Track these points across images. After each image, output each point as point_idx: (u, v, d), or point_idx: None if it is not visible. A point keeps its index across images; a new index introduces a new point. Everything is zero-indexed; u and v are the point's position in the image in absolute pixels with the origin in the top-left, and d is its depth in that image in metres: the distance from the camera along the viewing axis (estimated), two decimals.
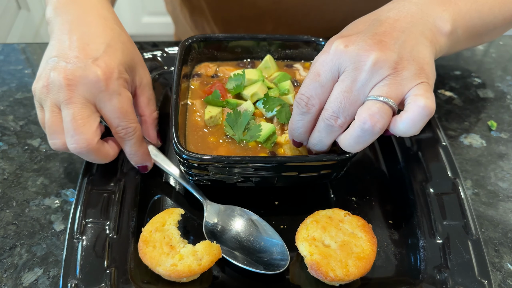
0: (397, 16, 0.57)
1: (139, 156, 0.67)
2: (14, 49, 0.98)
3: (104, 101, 0.61)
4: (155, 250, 0.57)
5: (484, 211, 0.71)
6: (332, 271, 0.55)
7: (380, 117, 0.52)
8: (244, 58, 0.80)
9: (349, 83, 0.53)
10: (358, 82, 0.53)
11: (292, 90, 0.73)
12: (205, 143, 0.67)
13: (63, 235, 0.65)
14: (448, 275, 0.58)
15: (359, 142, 0.54)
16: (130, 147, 0.65)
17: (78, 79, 0.59)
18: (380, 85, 0.53)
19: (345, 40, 0.55)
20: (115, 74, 0.61)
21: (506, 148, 0.81)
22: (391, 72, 0.53)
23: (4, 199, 0.69)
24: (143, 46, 0.99)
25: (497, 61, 1.01)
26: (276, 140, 0.67)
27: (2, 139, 0.78)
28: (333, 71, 0.55)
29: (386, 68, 0.53)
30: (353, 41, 0.54)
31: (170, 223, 0.60)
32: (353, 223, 0.61)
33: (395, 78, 0.53)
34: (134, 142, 0.65)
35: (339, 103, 0.54)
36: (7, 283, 0.59)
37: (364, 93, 0.53)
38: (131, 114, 0.63)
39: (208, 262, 0.56)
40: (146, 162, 0.68)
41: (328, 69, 0.55)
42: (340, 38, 0.56)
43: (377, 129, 0.52)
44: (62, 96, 0.59)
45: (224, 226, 0.64)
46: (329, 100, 0.55)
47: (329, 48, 0.55)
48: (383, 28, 0.55)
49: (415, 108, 0.52)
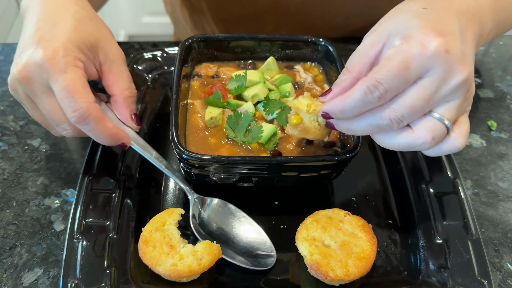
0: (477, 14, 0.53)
1: (106, 138, 0.61)
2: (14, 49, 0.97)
3: (52, 82, 0.57)
4: (155, 250, 0.57)
5: (484, 211, 0.71)
6: (332, 271, 0.55)
7: (438, 140, 0.50)
8: (244, 59, 0.80)
9: (431, 92, 0.48)
10: (439, 94, 0.49)
11: (293, 93, 0.73)
12: (206, 144, 0.67)
13: (63, 235, 0.65)
14: (448, 275, 0.58)
15: (400, 148, 0.52)
16: (91, 132, 0.59)
17: (28, 68, 0.57)
18: (451, 106, 0.50)
19: (446, 43, 0.48)
20: (61, 52, 0.57)
21: (506, 148, 0.81)
22: (465, 94, 0.50)
23: (4, 199, 0.69)
24: (143, 46, 0.99)
25: (497, 61, 1.01)
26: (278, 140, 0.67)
27: (2, 139, 0.78)
28: (423, 70, 0.48)
29: (465, 89, 0.49)
30: (452, 46, 0.48)
31: (170, 223, 0.60)
32: (353, 223, 0.61)
33: (464, 103, 0.50)
34: (93, 126, 0.58)
35: (413, 110, 0.48)
36: (7, 283, 0.59)
37: (436, 105, 0.50)
38: (82, 94, 0.57)
39: (208, 262, 0.56)
40: (119, 142, 0.63)
41: (420, 66, 0.48)
42: (440, 36, 0.48)
43: (426, 147, 0.50)
44: (27, 91, 0.59)
45: (210, 218, 0.64)
46: (403, 102, 0.49)
47: (429, 45, 0.47)
48: (468, 36, 0.51)
49: (451, 144, 0.51)
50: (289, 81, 0.75)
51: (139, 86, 0.82)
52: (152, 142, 0.69)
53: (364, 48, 0.52)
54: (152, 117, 0.80)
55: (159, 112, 0.81)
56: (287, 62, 0.81)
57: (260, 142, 0.66)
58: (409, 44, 0.48)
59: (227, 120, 0.67)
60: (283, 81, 0.74)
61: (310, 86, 0.77)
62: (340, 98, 0.51)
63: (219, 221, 0.64)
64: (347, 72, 0.52)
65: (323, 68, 0.79)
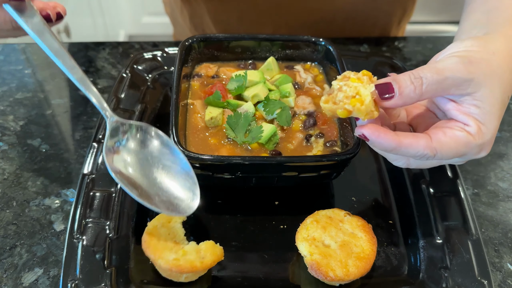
0: None
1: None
2: (14, 49, 0.98)
3: None
4: (160, 243, 0.57)
5: (484, 211, 0.71)
6: (332, 271, 0.55)
7: None
8: (244, 59, 0.80)
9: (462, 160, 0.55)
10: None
11: (293, 93, 0.73)
12: (206, 144, 0.67)
13: (63, 235, 0.65)
14: (448, 275, 0.58)
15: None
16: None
17: None
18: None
19: (486, 149, 0.54)
20: None
21: (506, 148, 0.81)
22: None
23: (4, 199, 0.69)
24: (143, 46, 0.99)
25: None
26: (278, 140, 0.67)
27: (2, 139, 0.78)
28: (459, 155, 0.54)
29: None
30: (489, 144, 0.53)
31: (176, 220, 0.60)
32: (353, 223, 0.61)
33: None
34: None
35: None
36: (7, 283, 0.59)
37: None
38: None
39: (210, 261, 0.56)
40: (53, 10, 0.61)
41: (464, 153, 0.53)
42: (486, 145, 0.53)
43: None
44: None
45: (128, 147, 0.55)
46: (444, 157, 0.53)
47: (476, 149, 0.52)
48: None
49: None
50: (289, 81, 0.75)
51: (139, 86, 0.82)
52: None
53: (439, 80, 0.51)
54: (152, 117, 0.80)
55: (159, 112, 0.81)
56: (287, 62, 0.81)
57: (260, 142, 0.66)
58: (471, 137, 0.51)
59: (227, 120, 0.67)
60: (283, 81, 0.74)
61: (310, 86, 0.77)
62: (397, 141, 0.51)
63: (140, 157, 0.55)
64: (413, 87, 0.51)
65: (323, 68, 0.79)
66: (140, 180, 0.55)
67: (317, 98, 0.74)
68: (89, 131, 0.81)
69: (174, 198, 0.55)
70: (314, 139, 0.68)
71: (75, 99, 0.87)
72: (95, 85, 0.67)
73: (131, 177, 0.55)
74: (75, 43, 1.02)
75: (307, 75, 0.78)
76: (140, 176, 0.55)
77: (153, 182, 0.55)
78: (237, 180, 0.64)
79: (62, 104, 0.86)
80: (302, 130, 0.69)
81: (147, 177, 0.55)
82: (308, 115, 0.71)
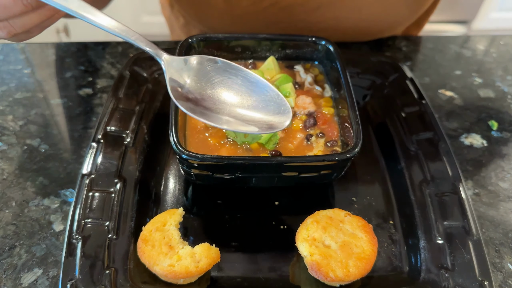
0: None
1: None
2: (14, 49, 0.97)
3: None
4: (154, 249, 0.57)
5: (485, 211, 0.70)
6: (332, 271, 0.55)
7: None
8: (244, 58, 0.80)
9: None
10: None
11: (293, 93, 0.73)
12: (206, 145, 0.66)
13: (63, 235, 0.65)
14: (449, 276, 0.58)
15: None
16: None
17: None
18: None
19: None
20: None
21: (507, 148, 0.81)
22: None
23: (3, 199, 0.69)
24: None
25: (498, 61, 1.01)
26: (278, 140, 0.67)
27: (1, 139, 0.78)
28: None
29: None
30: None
31: (171, 223, 0.59)
32: (353, 223, 0.61)
33: None
34: None
35: None
36: (7, 283, 0.59)
37: None
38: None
39: (206, 265, 0.56)
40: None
41: None
42: None
43: None
44: None
45: (197, 83, 0.51)
46: None
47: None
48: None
49: None
50: (290, 81, 0.74)
51: (138, 86, 0.81)
52: (152, 142, 0.68)
53: None
54: (152, 117, 0.79)
55: (159, 112, 0.81)
56: (288, 62, 0.80)
57: (260, 142, 0.65)
58: None
59: None
60: (284, 81, 0.74)
61: (310, 86, 0.76)
62: None
63: (213, 84, 0.51)
64: None
65: (323, 68, 0.79)
66: (219, 106, 0.50)
67: (317, 98, 0.74)
68: (88, 131, 0.80)
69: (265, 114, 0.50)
70: (315, 139, 0.68)
71: (74, 99, 0.87)
72: (95, 85, 0.67)
73: (208, 105, 0.50)
74: (74, 42, 1.02)
75: (307, 75, 0.78)
76: (217, 102, 0.50)
77: (236, 103, 0.51)
78: (237, 180, 0.64)
79: (62, 104, 0.86)
80: (302, 130, 0.69)
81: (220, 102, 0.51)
82: (309, 115, 0.71)
